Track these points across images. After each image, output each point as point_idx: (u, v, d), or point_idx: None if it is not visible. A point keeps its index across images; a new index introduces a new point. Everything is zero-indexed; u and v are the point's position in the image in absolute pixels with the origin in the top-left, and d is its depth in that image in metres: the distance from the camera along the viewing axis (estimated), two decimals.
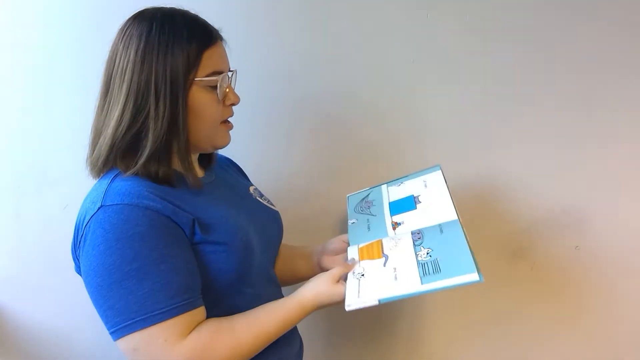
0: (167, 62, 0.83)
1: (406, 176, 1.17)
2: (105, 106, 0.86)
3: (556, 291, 1.41)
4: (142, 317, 0.77)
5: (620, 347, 1.45)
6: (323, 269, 1.03)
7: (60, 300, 1.29)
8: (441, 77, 1.32)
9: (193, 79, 0.85)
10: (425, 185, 1.10)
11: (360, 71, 1.31)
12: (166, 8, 0.88)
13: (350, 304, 0.86)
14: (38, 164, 1.26)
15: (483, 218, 1.38)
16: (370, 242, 0.99)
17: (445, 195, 1.04)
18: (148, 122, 0.83)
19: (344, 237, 1.08)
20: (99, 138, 0.87)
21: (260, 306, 0.90)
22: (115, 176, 0.85)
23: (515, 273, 1.40)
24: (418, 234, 0.96)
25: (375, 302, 0.85)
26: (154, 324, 0.77)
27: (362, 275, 0.91)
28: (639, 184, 1.37)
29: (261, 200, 1.06)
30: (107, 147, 0.85)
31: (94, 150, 0.88)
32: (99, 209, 0.79)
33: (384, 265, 0.92)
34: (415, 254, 0.91)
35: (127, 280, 0.77)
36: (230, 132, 0.96)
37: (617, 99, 1.34)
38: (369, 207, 1.12)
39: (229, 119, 0.95)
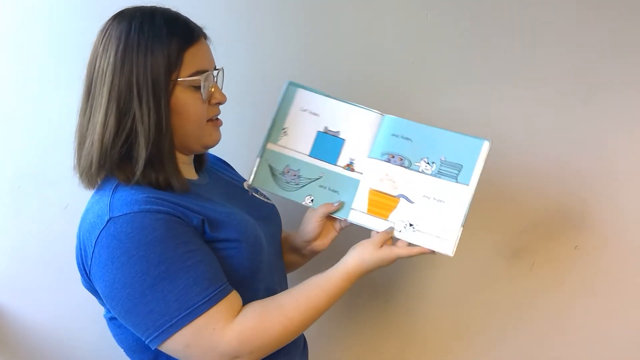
0: (147, 62, 0.81)
1: (273, 123, 1.02)
2: (88, 110, 0.85)
3: (556, 291, 1.41)
4: (187, 312, 0.78)
5: (620, 347, 1.45)
6: (318, 252, 1.06)
7: (61, 300, 1.29)
8: (441, 78, 1.32)
9: (176, 79, 0.84)
10: (314, 112, 1.01)
11: (360, 71, 1.31)
12: (146, 7, 0.87)
13: (448, 250, 0.93)
14: (38, 164, 1.26)
15: (483, 217, 1.38)
16: (363, 197, 0.98)
17: (342, 106, 1.00)
18: (135, 125, 0.82)
19: (312, 218, 1.01)
20: (84, 144, 0.85)
21: (303, 282, 0.90)
22: (116, 186, 0.83)
23: (515, 273, 1.40)
24: (391, 156, 0.97)
25: (461, 227, 0.93)
26: (200, 315, 0.78)
27: (410, 225, 0.95)
28: (639, 184, 1.38)
29: (257, 196, 1.05)
30: (98, 154, 0.83)
31: (80, 157, 0.86)
32: (108, 221, 0.78)
33: (411, 202, 0.96)
34: (421, 172, 0.96)
35: (159, 283, 0.77)
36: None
37: (617, 98, 1.34)
38: (298, 177, 1.02)
39: (218, 116, 0.93)
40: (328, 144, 1.01)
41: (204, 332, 0.79)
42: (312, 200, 1.01)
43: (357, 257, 0.92)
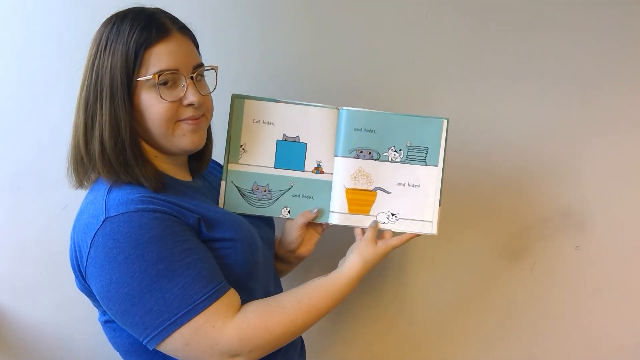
0: (109, 63, 0.82)
1: (229, 142, 0.99)
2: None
3: (556, 291, 1.41)
4: (186, 310, 0.77)
5: (620, 346, 1.44)
6: (304, 257, 1.07)
7: (60, 300, 1.29)
8: (441, 77, 1.32)
9: (137, 79, 0.83)
10: (268, 122, 0.98)
11: (360, 71, 1.31)
12: (127, 8, 0.86)
13: (432, 230, 0.98)
14: (38, 164, 1.26)
15: (483, 218, 1.38)
16: (341, 198, 0.99)
17: (294, 108, 0.98)
18: (101, 126, 0.82)
19: (293, 229, 1.02)
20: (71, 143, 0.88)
21: (306, 284, 0.90)
22: (111, 187, 0.83)
23: (515, 273, 1.40)
24: (359, 151, 0.98)
25: (439, 206, 0.98)
26: (200, 313, 0.78)
27: (392, 215, 0.98)
28: (639, 184, 1.38)
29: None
30: (72, 154, 0.86)
31: (68, 156, 0.88)
32: (103, 221, 0.78)
33: (388, 192, 0.99)
34: (390, 161, 0.98)
35: (157, 282, 0.77)
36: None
37: (618, 98, 1.34)
38: (269, 191, 1.00)
39: (195, 118, 0.87)
40: (291, 152, 0.99)
41: (204, 330, 0.78)
42: (289, 212, 1.01)
43: (359, 259, 0.93)
